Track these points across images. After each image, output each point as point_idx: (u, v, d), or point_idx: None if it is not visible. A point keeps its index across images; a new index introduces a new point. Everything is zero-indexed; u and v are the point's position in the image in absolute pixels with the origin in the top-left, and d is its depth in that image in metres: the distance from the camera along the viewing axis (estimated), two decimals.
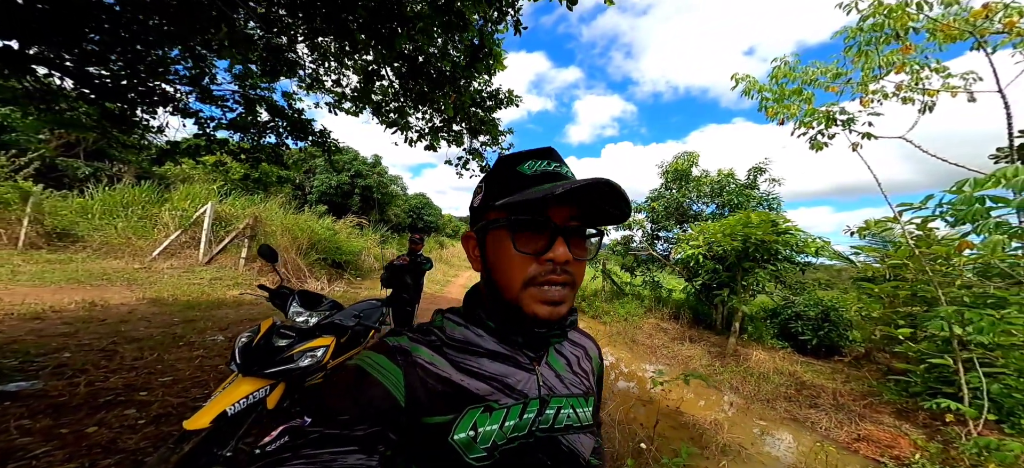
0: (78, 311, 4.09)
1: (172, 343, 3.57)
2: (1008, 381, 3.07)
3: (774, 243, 5.76)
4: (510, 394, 0.50)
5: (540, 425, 0.50)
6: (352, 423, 0.41)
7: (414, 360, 0.48)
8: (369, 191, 18.86)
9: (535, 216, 0.47)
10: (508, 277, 0.49)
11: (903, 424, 3.85)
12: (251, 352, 1.91)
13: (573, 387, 0.57)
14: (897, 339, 4.50)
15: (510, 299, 0.49)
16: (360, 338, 2.97)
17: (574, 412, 0.55)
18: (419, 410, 0.45)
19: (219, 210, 8.30)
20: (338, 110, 4.99)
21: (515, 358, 0.52)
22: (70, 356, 2.96)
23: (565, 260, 0.46)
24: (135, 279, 5.82)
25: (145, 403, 2.44)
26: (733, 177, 8.68)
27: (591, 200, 0.48)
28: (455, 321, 0.54)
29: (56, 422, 2.10)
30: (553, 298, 0.47)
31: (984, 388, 2.96)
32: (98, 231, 7.34)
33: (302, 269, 8.47)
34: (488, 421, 0.47)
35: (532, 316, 0.48)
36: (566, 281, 0.48)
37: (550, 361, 0.56)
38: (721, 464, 2.85)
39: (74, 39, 2.62)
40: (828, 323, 6.85)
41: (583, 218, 0.50)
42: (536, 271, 0.47)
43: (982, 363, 3.17)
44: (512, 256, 0.48)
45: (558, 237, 0.47)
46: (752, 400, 4.42)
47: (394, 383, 0.45)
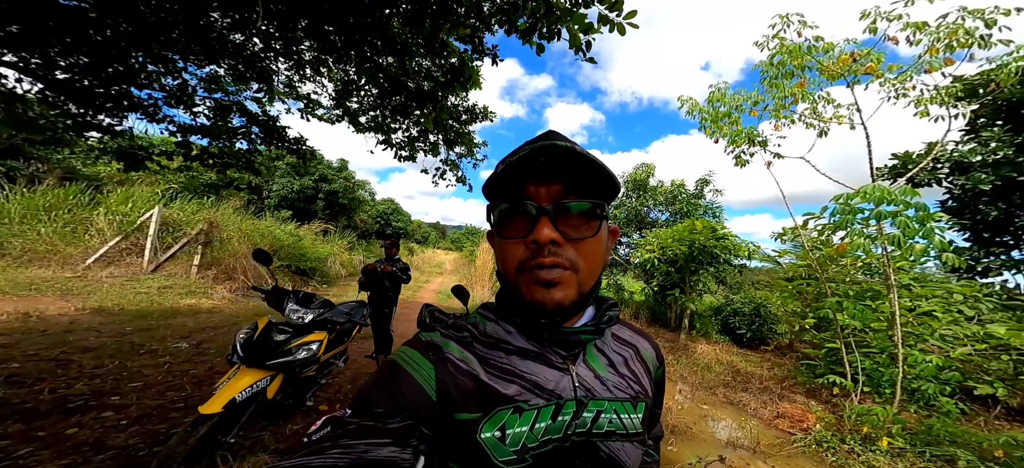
0: (12, 322, 3.74)
1: (131, 351, 3.42)
2: (877, 359, 3.89)
3: (714, 247, 6.59)
4: (540, 394, 0.47)
5: (576, 429, 0.47)
6: (386, 416, 0.41)
7: (445, 356, 0.48)
8: (335, 196, 18.17)
9: (513, 199, 0.46)
10: (503, 265, 0.49)
11: (810, 401, 4.63)
12: (252, 346, 2.04)
13: (617, 390, 0.52)
14: (810, 329, 5.40)
15: (512, 288, 0.48)
16: (347, 334, 3.11)
17: (618, 417, 0.50)
18: (450, 406, 0.45)
19: (166, 215, 7.73)
20: (310, 116, 5.02)
21: (546, 356, 0.50)
22: (19, 366, 2.78)
23: (548, 240, 0.44)
24: (70, 289, 5.32)
25: (121, 406, 2.41)
26: (684, 187, 9.69)
27: (579, 173, 0.46)
28: (488, 316, 0.54)
29: (28, 426, 2.05)
30: (546, 280, 0.44)
31: (859, 365, 3.73)
32: (17, 237, 6.54)
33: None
34: (518, 422, 0.45)
35: (531, 302, 0.46)
36: (559, 264, 0.45)
37: (589, 360, 0.52)
38: (669, 442, 3.31)
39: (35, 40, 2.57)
40: (759, 318, 7.87)
41: (579, 194, 0.47)
42: (524, 255, 0.45)
43: (859, 345, 3.99)
44: (502, 243, 0.48)
45: (542, 217, 0.45)
46: (697, 388, 5.04)
47: (426, 378, 0.46)
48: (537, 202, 0.45)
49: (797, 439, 3.65)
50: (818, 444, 3.42)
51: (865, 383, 3.78)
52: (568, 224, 0.46)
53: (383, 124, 4.72)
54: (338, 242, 13.43)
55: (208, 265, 7.43)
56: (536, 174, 0.46)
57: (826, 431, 3.59)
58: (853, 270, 4.56)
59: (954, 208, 5.93)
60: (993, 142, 5.14)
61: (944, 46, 2.91)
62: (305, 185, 16.98)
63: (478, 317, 0.54)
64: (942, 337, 3.56)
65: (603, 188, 0.48)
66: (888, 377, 3.69)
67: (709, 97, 4.36)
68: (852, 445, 3.30)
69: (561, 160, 0.44)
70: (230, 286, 7.30)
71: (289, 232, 10.28)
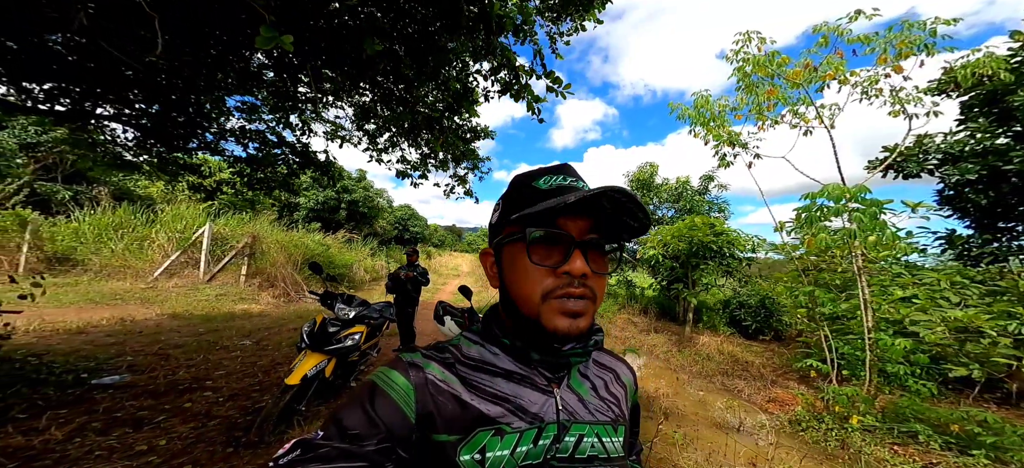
0: (112, 326, 4.60)
1: (209, 347, 4.19)
2: (855, 344, 4.21)
3: (714, 242, 6.91)
4: (523, 417, 0.47)
5: (558, 453, 0.47)
6: (362, 438, 0.41)
7: (425, 376, 0.48)
8: (355, 205, 19.27)
9: (550, 228, 0.47)
10: (525, 291, 0.48)
11: (801, 387, 4.96)
12: (315, 336, 2.68)
13: (599, 414, 0.53)
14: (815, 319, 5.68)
15: (528, 314, 0.48)
16: (379, 329, 3.75)
17: (600, 441, 0.51)
18: (429, 427, 0.45)
19: (215, 230, 8.70)
20: (334, 139, 5.69)
21: (531, 378, 0.50)
22: (132, 359, 3.56)
23: (582, 273, 0.45)
24: (146, 298, 6.25)
25: (215, 387, 3.12)
26: (689, 184, 9.96)
27: (608, 213, 0.48)
28: (472, 339, 0.54)
29: (157, 401, 2.77)
30: (573, 310, 0.46)
31: (834, 349, 4.07)
32: (95, 254, 7.61)
33: (299, 283, 8.97)
34: (498, 445, 0.45)
35: (552, 331, 0.46)
36: (585, 295, 0.47)
37: (572, 384, 0.53)
38: (661, 422, 3.78)
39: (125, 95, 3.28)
40: (764, 310, 8.10)
41: (601, 232, 0.49)
42: (553, 284, 0.46)
43: (835, 331, 4.31)
44: (528, 269, 0.47)
45: (575, 250, 0.46)
46: (696, 376, 5.44)
47: (404, 399, 0.45)
48: (572, 233, 0.47)
49: (778, 418, 4.04)
50: (798, 423, 3.81)
51: (844, 367, 4.11)
52: (594, 258, 0.48)
53: (397, 144, 5.35)
54: (361, 249, 14.38)
55: (253, 274, 8.34)
56: (574, 207, 0.46)
57: (805, 412, 3.97)
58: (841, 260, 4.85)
59: (951, 198, 6.03)
60: (978, 133, 5.26)
61: (894, 55, 3.23)
62: (329, 197, 18.09)
63: (462, 340, 0.55)
64: (914, 322, 3.84)
65: (632, 232, 0.51)
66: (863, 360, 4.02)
67: (694, 103, 4.75)
68: (829, 423, 3.67)
69: (623, 200, 0.46)
70: (272, 292, 8.18)
71: (318, 242, 11.22)
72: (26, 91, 2.82)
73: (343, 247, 12.45)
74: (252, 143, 4.78)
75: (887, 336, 3.79)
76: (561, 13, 2.93)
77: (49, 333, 4.05)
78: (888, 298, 4.28)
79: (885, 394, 3.94)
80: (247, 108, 4.76)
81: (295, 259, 9.35)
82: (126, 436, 2.31)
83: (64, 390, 2.73)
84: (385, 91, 4.14)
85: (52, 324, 4.35)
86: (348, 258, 11.60)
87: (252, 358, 4.02)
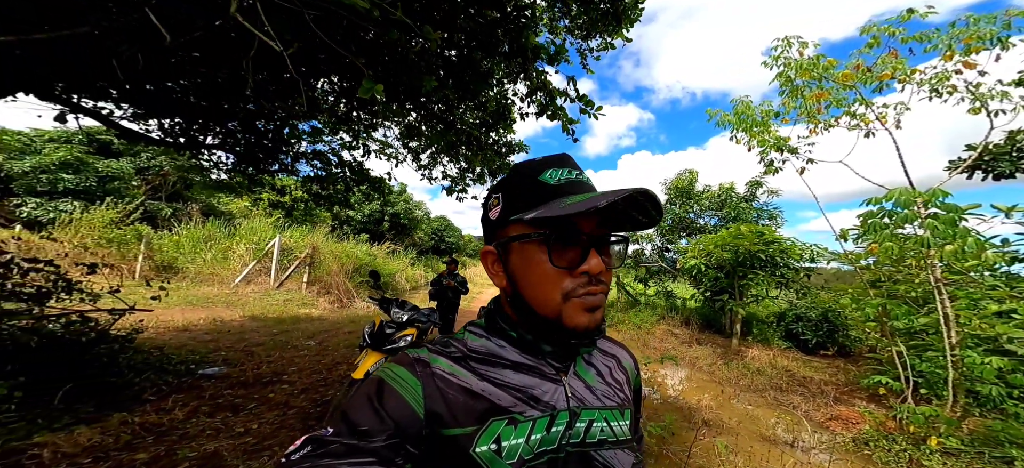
0: (208, 325, 5.41)
1: (283, 346, 4.78)
2: (937, 361, 3.79)
3: (763, 251, 6.52)
4: (536, 406, 0.48)
5: (570, 439, 0.49)
6: (371, 434, 0.41)
7: (433, 371, 0.48)
8: (397, 218, 20.51)
9: (562, 228, 0.47)
10: (545, 293, 0.48)
11: (870, 405, 4.52)
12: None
13: (606, 399, 0.54)
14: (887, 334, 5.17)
15: (547, 315, 0.48)
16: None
17: (608, 425, 0.52)
18: (438, 422, 0.45)
19: (283, 242, 9.79)
20: (382, 156, 6.20)
21: (540, 369, 0.51)
22: (225, 354, 4.19)
23: (599, 270, 0.47)
24: (230, 302, 7.22)
25: (290, 381, 3.60)
26: (733, 191, 9.45)
27: (620, 209, 0.48)
28: (476, 333, 0.54)
29: (248, 391, 3.27)
30: (592, 305, 0.47)
31: (908, 365, 3.70)
32: (191, 263, 8.92)
33: (350, 290, 9.78)
34: (513, 434, 0.46)
35: (573, 328, 0.47)
36: (602, 291, 0.48)
37: (579, 372, 0.54)
38: (702, 432, 3.68)
39: (226, 127, 3.92)
40: (827, 323, 7.43)
41: (609, 225, 0.51)
42: (573, 285, 0.47)
43: (912, 347, 3.91)
44: (548, 271, 0.47)
45: (591, 248, 0.47)
46: (745, 389, 5.17)
47: (412, 394, 0.45)
48: (585, 230, 0.48)
49: (841, 436, 3.75)
50: (864, 443, 3.52)
51: (921, 385, 3.74)
52: (606, 252, 0.50)
53: (438, 160, 5.74)
54: (403, 259, 15.29)
55: (313, 282, 9.25)
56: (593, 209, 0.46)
57: (873, 431, 3.64)
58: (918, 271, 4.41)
59: None
60: None
61: (962, 50, 2.95)
62: (374, 209, 19.43)
63: (466, 334, 0.54)
64: (1011, 340, 3.39)
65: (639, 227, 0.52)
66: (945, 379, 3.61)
67: (734, 109, 4.61)
68: (902, 444, 3.36)
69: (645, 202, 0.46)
70: (328, 298, 9.01)
71: (366, 252, 12.15)
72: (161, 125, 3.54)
73: (387, 257, 13.34)
74: (317, 162, 5.42)
75: (977, 354, 3.40)
76: (590, 31, 3.09)
77: (163, 330, 4.87)
78: (980, 313, 3.82)
79: (975, 416, 3.52)
80: (312, 131, 5.42)
81: (347, 268, 10.21)
82: (227, 419, 2.78)
83: (180, 377, 3.32)
84: (428, 111, 4.52)
85: (163, 322, 5.22)
86: (392, 267, 12.42)
87: (317, 357, 4.53)
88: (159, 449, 2.27)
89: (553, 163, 0.52)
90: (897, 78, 3.33)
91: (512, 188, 0.53)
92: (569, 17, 3.13)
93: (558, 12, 3.18)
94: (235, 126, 3.92)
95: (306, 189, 5.19)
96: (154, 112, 3.28)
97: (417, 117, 4.87)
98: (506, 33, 2.53)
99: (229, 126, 3.87)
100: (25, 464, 1.95)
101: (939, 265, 3.56)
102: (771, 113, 4.34)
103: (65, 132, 11.42)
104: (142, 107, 3.11)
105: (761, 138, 4.34)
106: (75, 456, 2.09)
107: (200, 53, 2.17)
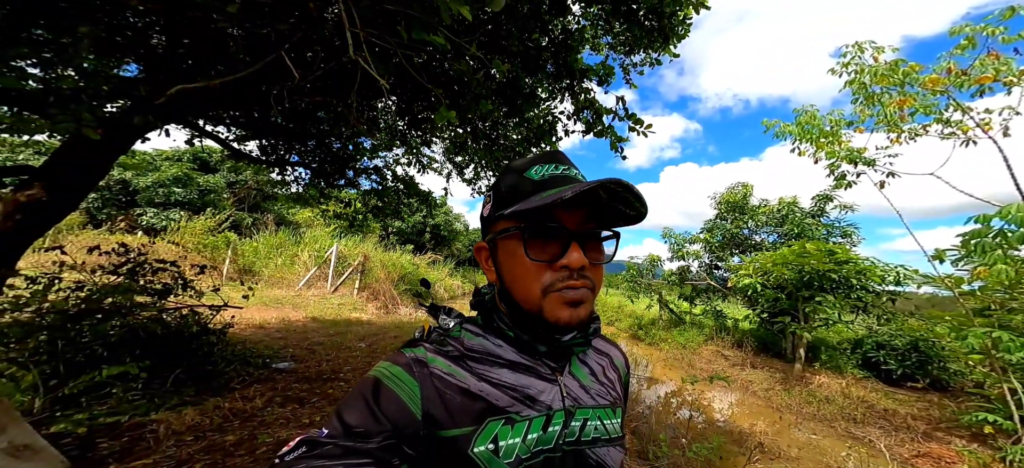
0: (278, 324, 6.05)
1: (339, 346, 5.20)
2: None
3: (835, 272, 5.89)
4: (532, 405, 0.49)
5: (566, 438, 0.49)
6: (367, 435, 0.40)
7: (431, 372, 0.48)
8: (438, 229, 21.38)
9: (547, 222, 0.47)
10: (525, 287, 0.48)
11: (971, 444, 3.86)
12: None
13: (599, 398, 0.56)
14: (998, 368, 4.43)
15: (529, 309, 0.48)
16: None
17: (602, 423, 0.53)
18: (436, 423, 0.44)
19: (340, 250, 10.67)
20: (431, 170, 6.53)
21: (536, 368, 0.52)
22: (293, 351, 4.66)
23: (580, 265, 0.46)
24: (296, 304, 7.99)
25: (346, 379, 3.91)
26: (796, 205, 8.66)
27: (604, 202, 0.48)
28: (473, 331, 0.54)
29: (311, 386, 3.62)
30: (573, 299, 0.47)
31: None
32: (265, 267, 10.03)
33: (396, 297, 10.35)
34: (510, 433, 0.46)
35: (554, 322, 0.47)
36: (585, 285, 0.47)
37: (573, 371, 0.55)
38: (755, 457, 3.39)
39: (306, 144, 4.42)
40: (917, 352, 6.47)
41: (597, 220, 0.50)
42: (553, 279, 0.47)
43: None
44: (527, 265, 0.48)
45: (572, 242, 0.47)
46: (808, 418, 4.67)
47: (410, 395, 0.45)
48: (568, 225, 0.47)
49: None
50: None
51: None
52: (592, 248, 0.49)
53: (481, 176, 5.95)
54: (442, 269, 15.90)
55: (363, 288, 9.94)
56: (570, 200, 0.47)
57: None
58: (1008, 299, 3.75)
59: None
60: None
61: None
62: (416, 221, 20.43)
63: (463, 332, 0.54)
64: None
65: (627, 220, 0.51)
66: None
67: (797, 119, 4.28)
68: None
69: (619, 190, 0.45)
70: (376, 304, 9.61)
71: (410, 262, 12.83)
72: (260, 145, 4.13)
73: (429, 267, 13.97)
74: (376, 177, 5.90)
75: None
76: (633, 47, 3.09)
77: (244, 327, 5.54)
78: None
79: None
80: (371, 148, 5.92)
81: (392, 276, 10.84)
82: (296, 410, 3.09)
83: (259, 369, 3.76)
84: (474, 129, 4.75)
85: (244, 320, 5.92)
86: (433, 277, 13.01)
87: (367, 358, 4.86)
88: (243, 433, 2.60)
89: (542, 160, 0.53)
90: (1001, 80, 2.90)
91: (501, 186, 0.54)
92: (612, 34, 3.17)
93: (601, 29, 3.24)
94: (312, 145, 4.44)
95: (365, 202, 5.66)
96: (255, 134, 3.84)
97: (465, 133, 5.12)
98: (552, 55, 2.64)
99: (308, 145, 4.39)
100: (147, 437, 2.34)
101: None
102: (841, 122, 3.97)
103: (177, 151, 13.53)
104: (248, 130, 3.66)
105: (830, 149, 3.97)
106: (180, 434, 2.46)
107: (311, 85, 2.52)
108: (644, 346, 8.65)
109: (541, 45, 2.42)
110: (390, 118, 5.08)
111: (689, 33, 2.68)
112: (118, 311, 2.84)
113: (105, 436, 2.26)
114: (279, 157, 4.15)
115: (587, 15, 2.75)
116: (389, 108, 4.59)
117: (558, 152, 0.55)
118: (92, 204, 11.10)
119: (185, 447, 2.32)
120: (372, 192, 5.94)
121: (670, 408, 4.59)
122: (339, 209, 5.57)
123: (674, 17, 2.44)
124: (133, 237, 9.08)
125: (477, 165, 6.01)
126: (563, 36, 2.45)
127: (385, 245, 16.02)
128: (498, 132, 4.91)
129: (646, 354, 7.88)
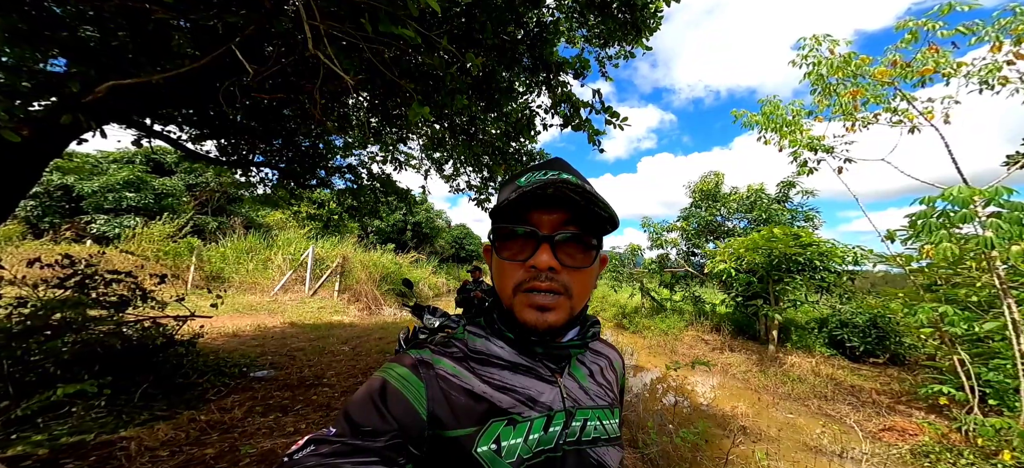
0: (253, 331, 5.81)
1: (321, 351, 5.06)
2: (1006, 370, 3.50)
3: (800, 254, 6.23)
4: (533, 406, 0.50)
5: (567, 438, 0.51)
6: (374, 435, 0.41)
7: (436, 372, 0.49)
8: (419, 227, 21.09)
9: (517, 224, 0.49)
10: (501, 285, 0.51)
11: (929, 416, 4.21)
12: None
13: (598, 399, 0.57)
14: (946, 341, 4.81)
15: (507, 306, 0.51)
16: None
17: (601, 424, 0.55)
18: (441, 424, 0.45)
19: (316, 252, 10.33)
20: (409, 167, 6.41)
21: (536, 370, 0.53)
22: (271, 358, 4.50)
23: (546, 266, 0.47)
24: (271, 309, 7.70)
25: (330, 384, 3.82)
26: (763, 192, 9.09)
27: (581, 207, 0.49)
28: (475, 333, 0.55)
29: (293, 393, 3.51)
30: (539, 304, 0.48)
31: (973, 374, 3.44)
32: (236, 273, 9.58)
33: (379, 298, 10.15)
34: (512, 434, 0.47)
35: (523, 323, 0.49)
36: (554, 289, 0.48)
37: (573, 372, 0.57)
38: (738, 439, 3.57)
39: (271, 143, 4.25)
40: (876, 329, 6.96)
41: (580, 225, 0.50)
42: (523, 277, 0.49)
43: (977, 355, 3.63)
44: (502, 264, 0.51)
45: (543, 244, 0.48)
46: (784, 398, 4.95)
47: (415, 396, 0.46)
48: (540, 229, 0.49)
49: (897, 448, 3.53)
50: (925, 455, 3.32)
51: (989, 396, 3.47)
52: (566, 252, 0.50)
53: (461, 171, 5.89)
54: (426, 267, 15.71)
55: (343, 290, 9.69)
56: (542, 201, 0.49)
57: (934, 443, 3.41)
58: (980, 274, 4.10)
59: None
60: None
61: (1011, 41, 2.76)
62: (396, 219, 20.07)
63: (466, 333, 0.56)
64: None
65: (602, 223, 0.51)
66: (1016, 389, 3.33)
67: (762, 110, 4.48)
68: (970, 458, 3.14)
69: (567, 191, 0.47)
70: (358, 306, 9.40)
71: (392, 261, 12.59)
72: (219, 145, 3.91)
73: (412, 266, 13.76)
74: (350, 176, 5.73)
75: None
76: (608, 40, 3.14)
77: (216, 336, 5.29)
78: None
79: None
80: (344, 146, 5.74)
81: (374, 277, 10.62)
82: (278, 419, 3.00)
83: (235, 379, 3.61)
84: (452, 124, 4.69)
85: (215, 328, 5.65)
86: (416, 275, 12.80)
87: (352, 361, 4.76)
88: (223, 445, 2.50)
89: (536, 168, 0.55)
90: (941, 72, 3.15)
91: (499, 191, 0.59)
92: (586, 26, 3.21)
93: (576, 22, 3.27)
94: (279, 144, 4.26)
95: (340, 202, 5.50)
96: (213, 134, 3.64)
97: (441, 129, 5.05)
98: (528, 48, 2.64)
99: (274, 144, 4.21)
100: (117, 455, 2.21)
101: (1003, 267, 3.31)
102: (802, 112, 4.20)
103: (127, 153, 12.63)
104: (204, 130, 3.46)
105: (792, 138, 4.19)
106: (155, 450, 2.34)
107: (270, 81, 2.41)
108: (628, 334, 8.89)
109: (516, 38, 2.42)
110: (362, 115, 4.94)
111: (660, 26, 2.75)
112: (69, 327, 2.65)
113: (70, 456, 2.12)
114: (241, 157, 3.96)
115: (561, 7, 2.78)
116: (361, 104, 4.46)
117: (559, 160, 0.57)
118: (31, 213, 10.24)
119: (161, 463, 2.21)
120: (347, 191, 5.77)
121: (656, 394, 4.75)
122: (312, 210, 5.40)
123: (646, 9, 2.49)
124: (81, 247, 8.44)
125: (456, 161, 5.94)
126: (538, 29, 2.46)
127: (365, 245, 15.63)
128: (476, 127, 4.87)
129: (631, 342, 8.10)
